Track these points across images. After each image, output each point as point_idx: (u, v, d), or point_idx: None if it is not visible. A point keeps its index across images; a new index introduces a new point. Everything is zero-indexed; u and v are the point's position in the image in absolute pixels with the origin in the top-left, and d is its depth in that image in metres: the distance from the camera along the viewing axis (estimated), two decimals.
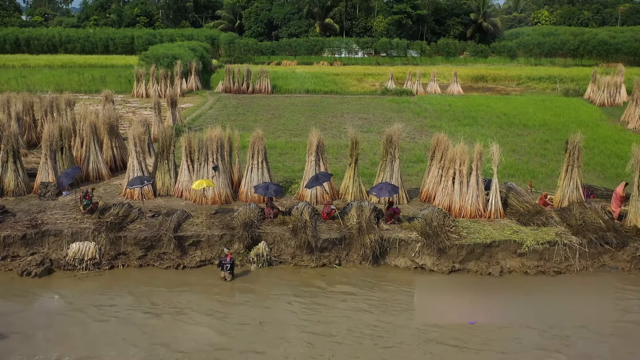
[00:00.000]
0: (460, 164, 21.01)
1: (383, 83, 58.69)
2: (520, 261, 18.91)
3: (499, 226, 20.12)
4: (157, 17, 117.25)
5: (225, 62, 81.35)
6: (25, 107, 31.79)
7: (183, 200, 22.48)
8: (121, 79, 57.39)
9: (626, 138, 32.83)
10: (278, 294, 17.40)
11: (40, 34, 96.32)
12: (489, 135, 31.78)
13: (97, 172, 25.17)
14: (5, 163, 22.78)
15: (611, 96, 47.34)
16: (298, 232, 19.17)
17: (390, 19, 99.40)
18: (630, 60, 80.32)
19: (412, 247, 19.20)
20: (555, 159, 28.61)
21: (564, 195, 21.67)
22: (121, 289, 17.50)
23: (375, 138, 32.47)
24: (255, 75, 55.27)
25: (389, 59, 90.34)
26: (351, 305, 16.74)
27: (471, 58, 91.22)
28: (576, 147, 21.51)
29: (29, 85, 49.42)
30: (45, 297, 17.11)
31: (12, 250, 18.97)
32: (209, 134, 22.19)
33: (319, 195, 22.28)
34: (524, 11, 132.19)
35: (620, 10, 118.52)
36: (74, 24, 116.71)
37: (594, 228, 19.32)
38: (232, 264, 18.06)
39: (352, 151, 22.39)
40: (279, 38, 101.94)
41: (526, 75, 65.83)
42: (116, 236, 19.11)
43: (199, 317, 15.97)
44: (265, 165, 22.80)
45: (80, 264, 18.55)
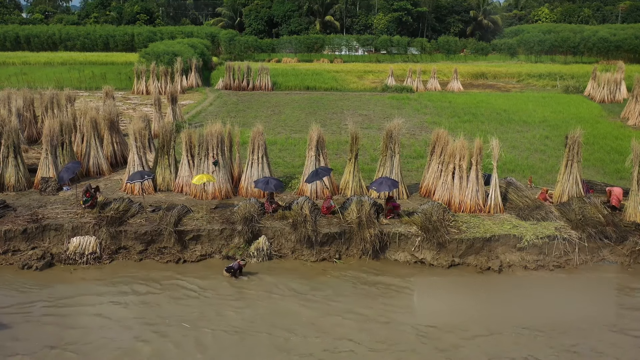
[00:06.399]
0: (460, 158, 21.05)
1: (383, 80, 58.68)
2: (520, 255, 18.95)
3: (499, 221, 20.16)
4: (158, 14, 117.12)
5: (225, 59, 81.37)
6: (25, 103, 31.83)
7: (183, 195, 22.52)
8: (121, 76, 57.42)
9: (626, 134, 32.86)
10: (278, 287, 17.45)
11: (40, 31, 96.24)
12: (489, 132, 31.78)
13: (98, 167, 25.23)
14: (6, 158, 22.84)
15: (611, 93, 47.36)
16: (298, 226, 19.22)
17: (391, 16, 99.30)
18: (631, 57, 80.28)
19: (412, 242, 19.24)
20: (555, 154, 28.64)
21: (563, 190, 21.70)
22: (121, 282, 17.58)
23: (375, 134, 32.50)
24: (256, 72, 55.28)
25: (389, 57, 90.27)
26: (350, 300, 16.80)
27: (471, 55, 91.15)
28: (576, 142, 21.54)
29: (29, 83, 49.42)
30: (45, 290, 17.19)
31: (13, 244, 19.04)
32: (209, 129, 22.22)
33: (319, 190, 22.33)
34: (524, 9, 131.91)
35: (621, 7, 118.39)
36: (74, 21, 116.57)
37: (593, 222, 19.37)
38: (239, 269, 17.99)
39: (352, 146, 22.42)
40: (279, 35, 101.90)
41: (526, 73, 65.82)
42: (117, 230, 19.17)
43: (198, 312, 16.05)
44: (266, 161, 22.85)
45: (81, 258, 18.63)
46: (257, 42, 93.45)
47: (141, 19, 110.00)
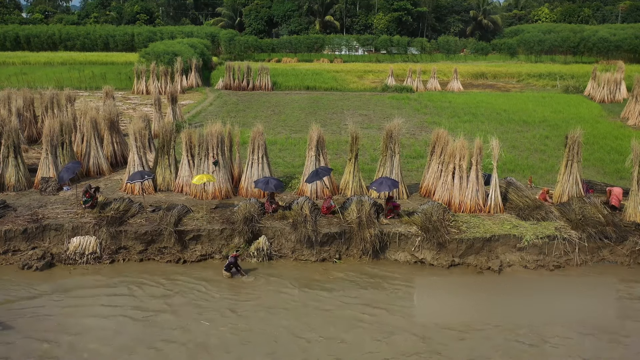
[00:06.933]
0: (460, 158, 21.05)
1: (383, 80, 58.72)
2: (520, 255, 18.96)
3: (499, 221, 20.17)
4: (158, 14, 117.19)
5: (225, 59, 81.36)
6: (25, 103, 31.83)
7: (183, 195, 22.52)
8: (121, 76, 57.44)
9: (626, 134, 32.86)
10: (278, 287, 17.46)
11: (40, 31, 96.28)
12: (489, 131, 31.77)
13: (98, 167, 25.24)
14: (6, 158, 22.86)
15: (611, 93, 47.39)
16: (298, 226, 19.23)
17: (391, 16, 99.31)
18: (631, 57, 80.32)
19: (412, 242, 19.25)
20: (555, 154, 28.65)
21: (563, 190, 21.71)
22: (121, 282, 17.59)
23: (375, 134, 32.50)
24: (256, 72, 55.29)
25: (389, 57, 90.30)
26: (350, 300, 16.81)
27: (471, 55, 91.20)
28: (576, 142, 21.54)
29: (29, 82, 49.43)
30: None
31: (13, 244, 19.04)
32: (210, 129, 22.22)
33: (319, 190, 22.34)
34: (524, 9, 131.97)
35: (621, 7, 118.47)
36: (74, 21, 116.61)
37: (593, 222, 19.37)
38: (234, 264, 17.98)
39: (352, 146, 22.43)
40: (279, 35, 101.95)
41: (526, 72, 65.86)
42: (117, 230, 19.18)
43: (198, 312, 16.05)
44: (266, 161, 22.85)
45: (81, 258, 18.64)
46: (257, 42, 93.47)
47: (141, 18, 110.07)
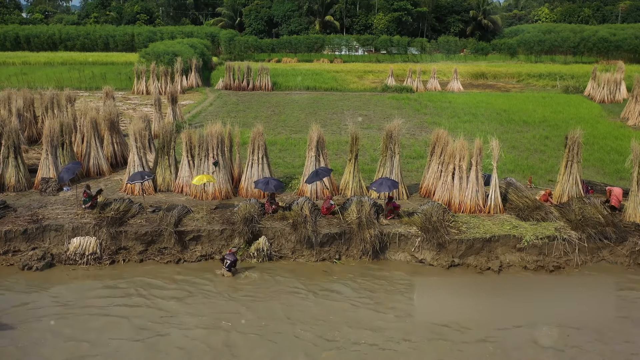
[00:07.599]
0: (460, 159, 21.06)
1: (383, 80, 58.74)
2: (520, 256, 18.97)
3: (499, 221, 20.17)
4: (158, 14, 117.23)
5: (225, 59, 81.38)
6: (26, 103, 31.83)
7: (183, 196, 22.53)
8: (121, 76, 57.44)
9: (626, 134, 32.86)
10: (277, 288, 17.47)
11: (40, 31, 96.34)
12: (489, 132, 31.74)
13: (98, 167, 25.24)
14: (6, 159, 22.85)
15: (611, 93, 47.40)
16: (298, 227, 19.24)
17: (391, 16, 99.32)
18: (631, 57, 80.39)
19: (412, 242, 19.26)
20: (555, 155, 28.65)
21: (563, 190, 21.72)
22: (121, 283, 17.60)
23: (375, 134, 32.51)
24: (256, 72, 55.31)
25: (389, 57, 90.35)
26: (350, 300, 16.81)
27: (471, 55, 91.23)
28: (575, 143, 21.55)
29: (29, 83, 49.42)
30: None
31: (13, 245, 19.03)
32: (210, 130, 22.23)
33: (319, 190, 22.35)
34: (524, 9, 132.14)
35: (621, 7, 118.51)
36: (74, 21, 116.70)
37: (593, 223, 19.38)
38: (234, 262, 18.03)
39: (352, 147, 22.43)
40: (279, 35, 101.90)
41: (526, 73, 65.89)
42: (117, 231, 19.18)
43: (198, 311, 16.06)
44: (266, 161, 22.86)
45: (81, 258, 18.64)
46: (257, 42, 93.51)
47: (141, 19, 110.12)
